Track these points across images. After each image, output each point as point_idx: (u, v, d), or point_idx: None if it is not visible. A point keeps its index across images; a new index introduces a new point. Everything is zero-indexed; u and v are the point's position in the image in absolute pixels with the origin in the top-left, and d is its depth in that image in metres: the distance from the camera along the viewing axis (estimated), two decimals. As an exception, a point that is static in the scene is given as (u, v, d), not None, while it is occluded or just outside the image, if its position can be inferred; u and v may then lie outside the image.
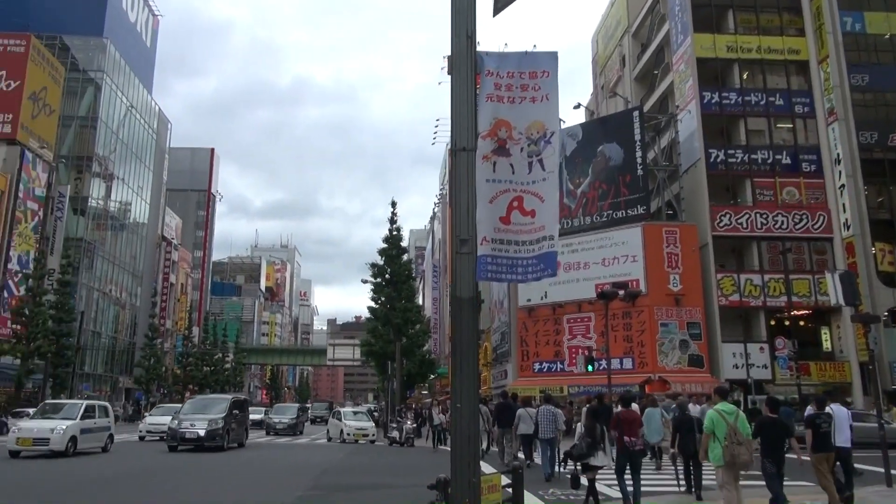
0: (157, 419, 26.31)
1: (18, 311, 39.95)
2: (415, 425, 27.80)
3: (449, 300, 6.10)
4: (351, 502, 11.46)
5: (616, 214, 34.31)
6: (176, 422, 20.90)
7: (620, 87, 44.94)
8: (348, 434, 27.19)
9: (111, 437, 20.21)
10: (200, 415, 21.14)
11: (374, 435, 28.11)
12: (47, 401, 25.08)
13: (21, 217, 47.55)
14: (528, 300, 35.78)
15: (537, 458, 16.50)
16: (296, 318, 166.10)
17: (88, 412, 19.05)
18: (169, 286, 75.86)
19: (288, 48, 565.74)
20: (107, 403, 22.37)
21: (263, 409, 43.96)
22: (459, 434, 5.63)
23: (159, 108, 76.02)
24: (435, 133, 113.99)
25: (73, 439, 17.88)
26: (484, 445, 19.05)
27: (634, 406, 15.15)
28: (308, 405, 58.80)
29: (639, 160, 34.07)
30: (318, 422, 48.54)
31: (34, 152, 49.23)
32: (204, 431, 20.17)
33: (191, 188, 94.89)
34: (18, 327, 39.54)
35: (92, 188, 58.10)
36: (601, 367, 27.13)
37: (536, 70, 6.17)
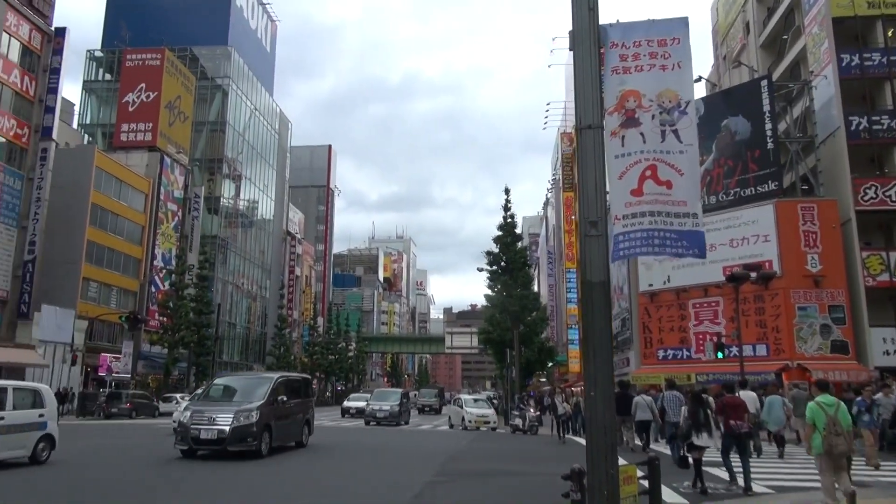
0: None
1: (164, 304, 43.72)
2: (538, 413, 27.60)
3: (581, 286, 5.88)
4: (481, 487, 11.42)
5: (744, 192, 32.30)
6: (188, 413, 14.13)
7: (745, 56, 42.15)
8: (469, 421, 27.42)
9: (49, 439, 12.73)
10: (227, 404, 14.57)
11: (495, 422, 28.22)
12: None
13: (163, 218, 51.75)
14: (650, 285, 34.50)
15: (654, 446, 16.93)
16: (413, 307, 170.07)
17: None
18: (294, 278, 79.85)
19: (397, 44, 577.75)
20: (41, 387, 13.67)
21: (368, 395, 38.27)
22: (595, 423, 5.40)
23: (280, 110, 79.93)
24: (546, 117, 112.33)
25: None
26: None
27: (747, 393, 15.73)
28: (412, 391, 55.92)
29: (769, 133, 31.86)
30: (426, 411, 43.15)
31: (172, 157, 53.32)
32: (228, 428, 13.50)
33: (311, 184, 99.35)
34: (165, 319, 43.32)
35: (223, 188, 62.24)
36: (732, 354, 25.74)
37: (665, 38, 5.80)
